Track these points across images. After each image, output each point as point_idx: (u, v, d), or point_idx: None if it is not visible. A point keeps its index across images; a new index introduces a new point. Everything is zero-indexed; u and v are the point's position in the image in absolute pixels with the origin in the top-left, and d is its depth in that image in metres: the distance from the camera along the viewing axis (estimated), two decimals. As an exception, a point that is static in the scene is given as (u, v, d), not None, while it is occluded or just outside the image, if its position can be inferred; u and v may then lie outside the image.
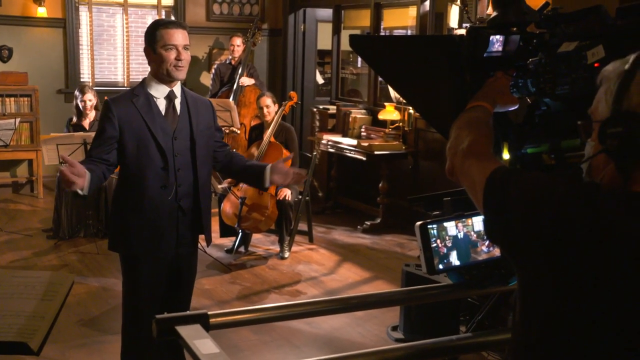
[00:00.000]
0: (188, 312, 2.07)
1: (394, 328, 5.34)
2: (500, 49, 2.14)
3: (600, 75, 1.58)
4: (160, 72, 3.68)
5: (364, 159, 8.16)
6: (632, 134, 1.45)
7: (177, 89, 3.77)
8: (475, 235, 2.32)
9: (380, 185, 8.17)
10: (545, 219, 1.51)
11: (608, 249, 1.42)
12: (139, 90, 3.73)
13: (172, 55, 3.64)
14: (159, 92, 3.73)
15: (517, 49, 2.16)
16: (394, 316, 5.39)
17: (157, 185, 3.71)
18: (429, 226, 2.26)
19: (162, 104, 3.74)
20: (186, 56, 3.68)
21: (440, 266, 2.27)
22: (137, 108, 3.67)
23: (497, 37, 2.12)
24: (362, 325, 5.45)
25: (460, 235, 2.30)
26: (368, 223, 8.24)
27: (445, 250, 2.28)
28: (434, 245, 2.25)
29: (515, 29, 2.16)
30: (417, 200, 5.03)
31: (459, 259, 2.30)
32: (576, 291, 1.46)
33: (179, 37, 3.65)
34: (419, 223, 2.27)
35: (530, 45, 2.15)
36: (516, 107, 2.15)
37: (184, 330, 1.95)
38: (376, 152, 8.03)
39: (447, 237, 2.28)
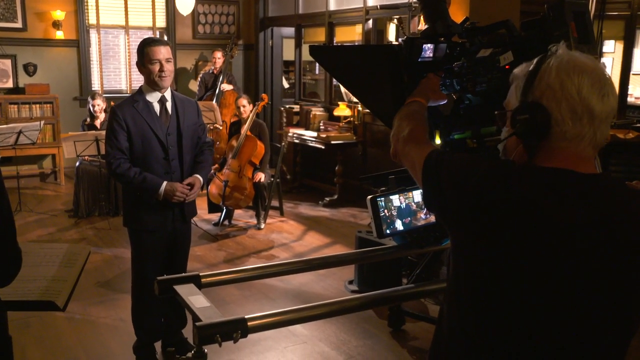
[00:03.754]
0: (183, 274, 2.03)
1: (350, 282, 5.34)
2: (431, 55, 2.12)
3: (512, 75, 1.57)
4: (150, 82, 3.65)
5: (323, 147, 8.14)
6: (534, 119, 1.45)
7: (167, 93, 3.75)
8: (415, 206, 2.30)
9: (336, 168, 8.14)
10: (470, 189, 1.50)
11: (518, 212, 1.41)
12: (138, 96, 3.71)
13: (156, 68, 3.60)
14: (153, 98, 3.70)
15: (445, 55, 2.14)
16: (350, 272, 5.39)
17: (162, 172, 3.69)
18: (377, 199, 2.23)
19: (156, 107, 3.72)
20: (168, 67, 3.63)
21: (388, 231, 2.24)
22: (138, 111, 3.65)
23: (429, 45, 2.11)
24: (324, 280, 5.43)
25: (403, 205, 2.27)
26: (327, 199, 8.21)
27: (391, 218, 2.26)
28: (382, 214, 2.22)
29: (442, 39, 2.14)
30: (367, 179, 5.01)
31: (402, 225, 2.28)
32: (494, 245, 1.45)
33: (161, 52, 3.60)
34: (369, 197, 2.24)
35: (455, 52, 2.13)
36: (445, 101, 2.13)
37: (180, 289, 1.91)
38: (332, 142, 8.00)
39: (392, 208, 2.25)
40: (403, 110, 1.97)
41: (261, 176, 6.87)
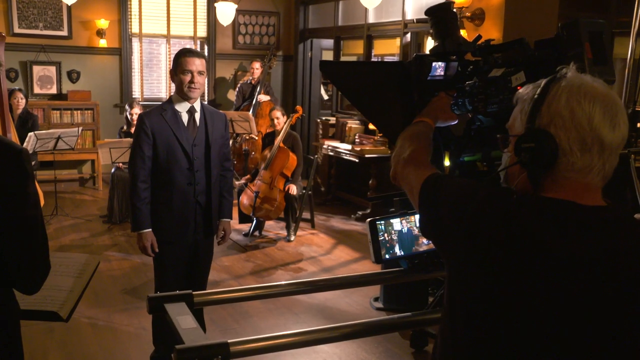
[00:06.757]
0: (176, 292, 1.97)
1: (376, 299, 5.24)
2: (442, 73, 2.04)
3: (516, 96, 1.48)
4: (180, 91, 3.64)
5: (357, 160, 8.07)
6: (541, 148, 1.35)
7: (197, 104, 3.73)
8: (417, 230, 2.20)
9: (370, 182, 8.05)
10: (467, 217, 1.41)
11: (516, 244, 1.32)
12: (167, 105, 3.71)
13: (187, 78, 3.59)
14: (182, 107, 3.69)
15: (456, 74, 2.05)
16: (376, 288, 5.29)
17: (185, 183, 3.69)
18: (377, 222, 2.14)
19: (185, 117, 3.70)
20: (200, 79, 3.62)
21: (387, 256, 2.15)
22: (166, 120, 3.64)
23: (439, 63, 2.02)
24: (349, 296, 5.34)
25: (405, 230, 2.17)
26: (360, 213, 8.12)
27: (390, 242, 2.16)
28: (382, 238, 2.13)
29: (454, 57, 2.06)
30: (375, 199, 4.92)
31: (402, 249, 2.18)
32: (490, 277, 1.36)
33: (195, 63, 3.59)
34: (369, 219, 2.15)
35: (467, 71, 2.04)
36: (456, 122, 2.03)
37: (170, 308, 1.86)
38: (367, 155, 7.93)
39: (392, 232, 2.15)
40: (407, 131, 1.89)
41: (293, 188, 6.82)
